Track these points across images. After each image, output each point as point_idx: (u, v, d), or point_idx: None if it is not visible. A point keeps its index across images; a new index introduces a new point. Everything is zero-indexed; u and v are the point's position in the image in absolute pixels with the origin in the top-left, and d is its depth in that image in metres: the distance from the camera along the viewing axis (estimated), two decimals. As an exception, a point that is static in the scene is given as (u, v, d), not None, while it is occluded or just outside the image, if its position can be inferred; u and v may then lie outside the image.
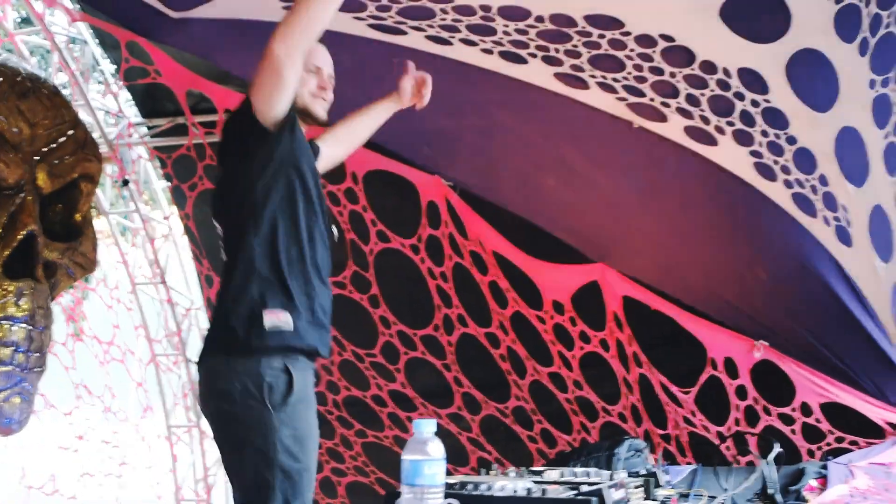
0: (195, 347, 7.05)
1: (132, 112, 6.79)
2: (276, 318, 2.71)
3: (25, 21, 8.12)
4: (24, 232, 4.00)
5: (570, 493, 2.65)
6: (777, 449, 3.76)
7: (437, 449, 2.26)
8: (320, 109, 3.03)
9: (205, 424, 5.16)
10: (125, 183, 6.89)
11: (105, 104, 6.68)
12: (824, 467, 4.00)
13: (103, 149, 6.13)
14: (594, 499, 2.57)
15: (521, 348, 5.47)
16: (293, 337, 2.72)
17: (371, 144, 5.17)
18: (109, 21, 5.23)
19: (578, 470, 3.05)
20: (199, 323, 7.30)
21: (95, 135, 5.89)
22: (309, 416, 2.76)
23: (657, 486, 3.22)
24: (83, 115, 5.83)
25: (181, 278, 7.29)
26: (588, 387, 5.38)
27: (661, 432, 5.26)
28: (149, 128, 6.62)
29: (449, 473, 6.04)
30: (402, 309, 5.71)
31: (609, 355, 5.21)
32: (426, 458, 2.26)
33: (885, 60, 3.48)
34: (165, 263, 7.29)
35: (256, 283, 2.74)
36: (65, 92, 6.14)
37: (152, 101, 6.50)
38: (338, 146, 3.42)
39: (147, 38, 5.01)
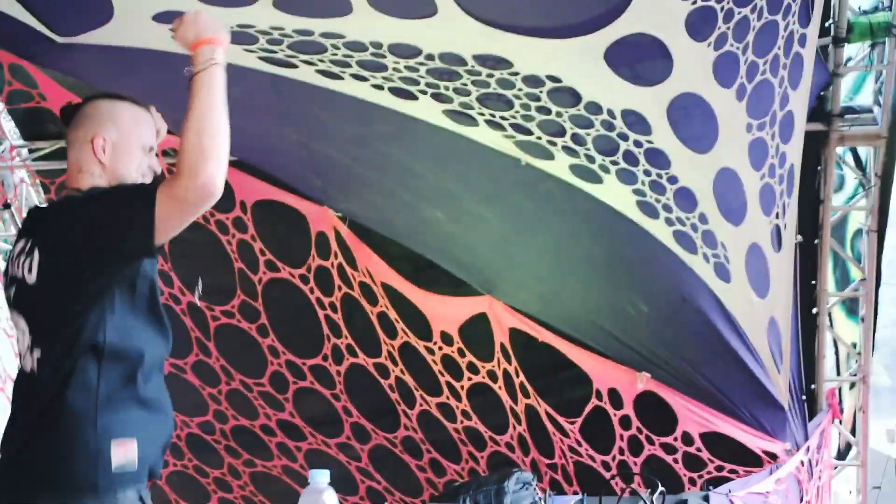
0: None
1: (14, 133, 6.63)
2: None
3: None
4: None
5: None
6: (660, 488, 3.83)
7: (331, 499, 2.26)
8: None
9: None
10: (6, 206, 6.72)
11: (-14, 126, 6.50)
12: (706, 498, 4.10)
13: (-17, 172, 5.98)
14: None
15: (409, 378, 5.48)
16: None
17: (261, 174, 5.19)
18: (-9, 44, 5.11)
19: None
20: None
21: (-25, 157, 5.74)
22: None
23: (543, 521, 3.27)
24: (-38, 138, 5.69)
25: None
26: (476, 417, 5.42)
27: (548, 461, 5.32)
28: (31, 150, 6.46)
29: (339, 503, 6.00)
30: (291, 338, 5.67)
31: (497, 386, 5.26)
32: (322, 509, 2.26)
33: (761, 106, 3.61)
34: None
35: None
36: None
37: (35, 123, 6.35)
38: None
39: (31, 62, 4.90)
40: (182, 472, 6.14)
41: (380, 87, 3.93)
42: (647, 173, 3.83)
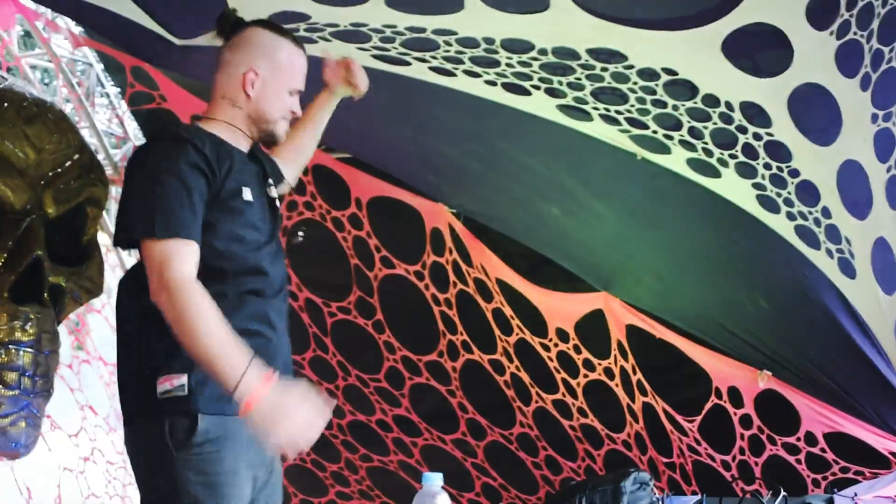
0: (200, 369, 7.03)
1: (137, 134, 6.81)
2: None
3: (28, 35, 8.13)
4: (31, 257, 4.02)
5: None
6: (782, 494, 3.73)
7: (445, 502, 2.25)
8: (282, 132, 2.83)
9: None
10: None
11: (110, 127, 6.70)
12: (829, 501, 3.98)
13: (108, 171, 6.15)
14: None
15: (525, 375, 5.46)
16: None
17: (376, 171, 5.22)
18: (114, 46, 5.25)
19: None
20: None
21: (100, 157, 5.91)
22: (223, 462, 2.46)
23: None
24: (87, 138, 5.85)
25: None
26: (592, 414, 5.37)
27: (666, 460, 5.25)
28: (154, 151, 6.62)
29: (454, 499, 6.04)
30: (407, 335, 5.70)
31: (613, 383, 5.20)
32: (436, 512, 2.25)
33: (887, 95, 3.48)
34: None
35: None
36: (68, 108, 6.19)
37: (156, 123, 6.50)
38: (288, 169, 3.15)
39: (151, 64, 5.02)
40: (300, 465, 6.24)
41: (493, 83, 3.92)
42: (767, 167, 3.73)
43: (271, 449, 2.32)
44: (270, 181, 2.82)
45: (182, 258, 2.39)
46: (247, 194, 2.61)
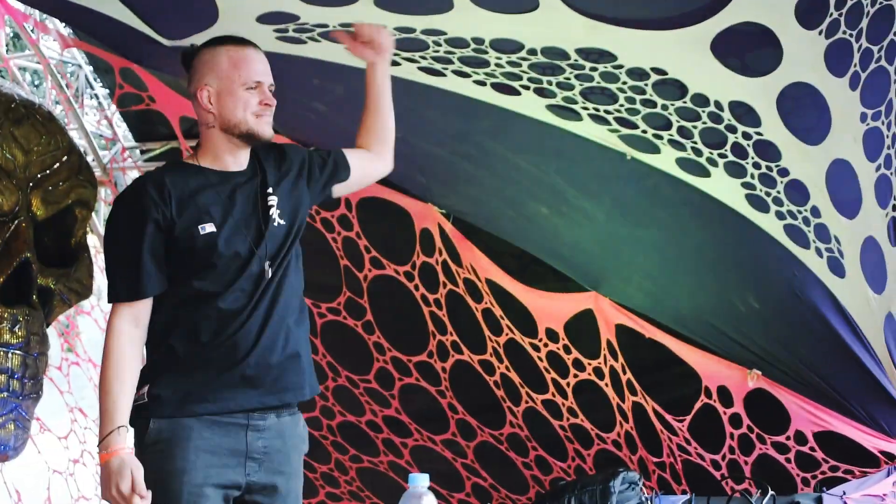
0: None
1: (126, 135, 6.80)
2: None
3: (17, 37, 8.09)
4: (19, 259, 4.01)
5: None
6: (770, 493, 3.74)
7: (431, 503, 2.25)
8: (266, 128, 2.93)
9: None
10: (120, 206, 6.88)
11: (99, 128, 6.68)
12: (818, 500, 3.99)
13: (97, 173, 6.13)
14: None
15: (515, 375, 5.45)
16: None
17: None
18: (103, 48, 5.23)
19: (571, 508, 3.04)
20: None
21: (89, 158, 5.89)
22: (172, 460, 2.73)
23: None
24: (76, 139, 5.83)
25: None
26: (582, 414, 5.37)
27: (656, 460, 5.25)
28: (142, 152, 6.62)
29: (444, 499, 6.04)
30: (397, 335, 5.70)
31: (603, 383, 5.20)
32: (422, 513, 2.25)
33: (876, 94, 3.49)
34: (160, 287, 7.27)
35: None
36: (57, 110, 6.17)
37: (145, 125, 6.50)
38: (374, 152, 3.37)
39: (140, 65, 5.00)
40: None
41: (482, 83, 3.92)
42: (756, 166, 3.74)
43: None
44: (269, 190, 2.93)
45: (119, 316, 2.79)
46: (204, 229, 2.79)
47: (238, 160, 2.92)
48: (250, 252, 2.84)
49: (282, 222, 2.92)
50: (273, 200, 2.92)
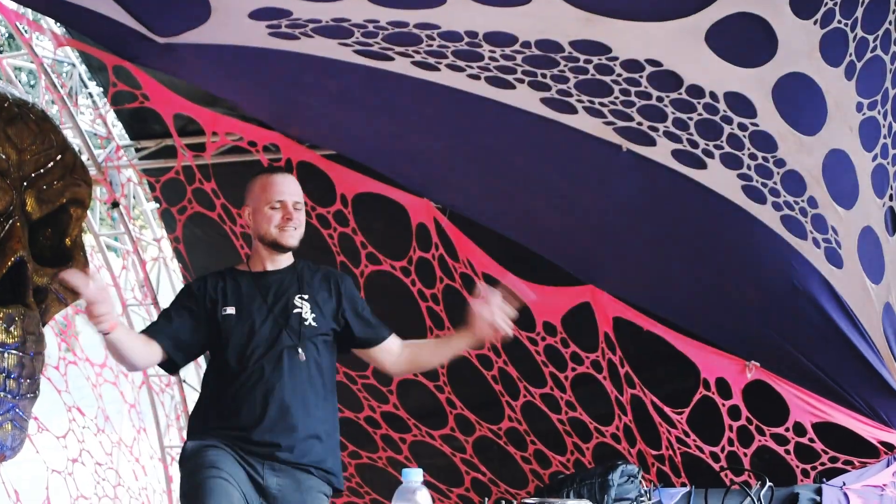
0: (188, 369, 7.01)
1: (121, 134, 6.78)
2: None
3: (12, 37, 8.07)
4: (13, 258, 3.98)
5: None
6: (768, 484, 3.73)
7: (424, 498, 2.24)
8: (289, 239, 3.43)
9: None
10: (115, 205, 6.88)
11: (94, 127, 6.66)
12: (818, 491, 3.98)
13: (92, 171, 6.11)
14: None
15: (513, 370, 5.45)
16: None
17: (360, 167, 5.21)
18: (96, 46, 5.22)
19: (570, 502, 3.03)
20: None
21: (84, 157, 5.87)
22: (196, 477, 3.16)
23: (649, 516, 3.20)
24: (71, 138, 5.81)
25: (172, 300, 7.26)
26: (581, 408, 5.36)
27: (655, 453, 5.24)
28: (137, 150, 6.60)
29: (443, 494, 6.02)
30: (394, 330, 5.64)
31: (601, 376, 5.19)
32: (415, 507, 2.24)
33: (872, 83, 3.47)
34: (157, 285, 7.26)
35: None
36: (52, 110, 6.16)
37: (140, 122, 6.48)
38: (397, 364, 3.66)
39: (134, 63, 4.99)
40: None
41: (476, 77, 3.90)
42: (752, 157, 3.73)
43: None
44: (304, 296, 3.42)
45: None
46: (227, 310, 3.37)
47: (275, 263, 3.47)
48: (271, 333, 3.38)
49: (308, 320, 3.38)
50: (297, 303, 3.39)
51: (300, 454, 3.28)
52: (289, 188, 3.47)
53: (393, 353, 3.58)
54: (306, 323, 3.36)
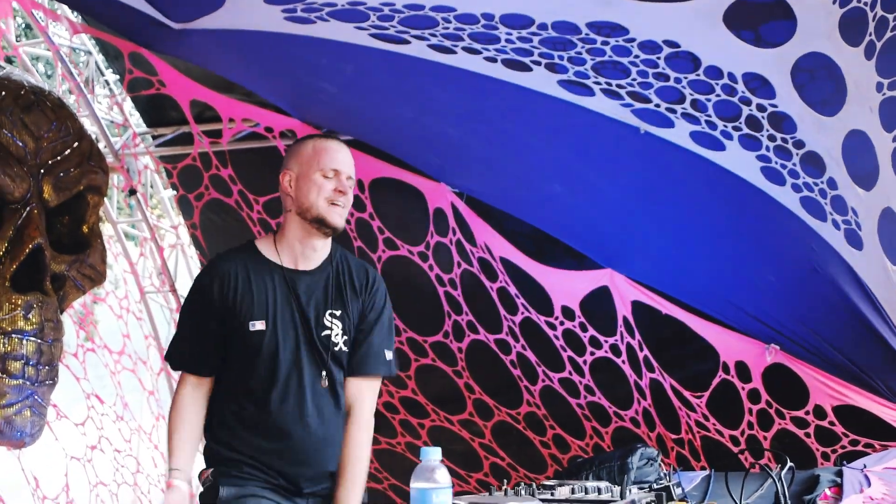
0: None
1: (138, 121, 6.78)
2: None
3: (29, 27, 8.08)
4: (31, 245, 3.97)
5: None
6: (789, 464, 3.71)
7: (443, 476, 2.23)
8: (337, 217, 3.00)
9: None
10: (132, 192, 6.89)
11: (110, 114, 6.67)
12: (839, 474, 3.96)
13: (109, 159, 6.12)
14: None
15: (531, 354, 5.44)
16: None
17: (377, 152, 5.20)
18: (112, 33, 5.22)
19: (590, 485, 3.02)
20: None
21: (101, 145, 5.88)
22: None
23: (670, 499, 3.18)
24: (88, 125, 5.82)
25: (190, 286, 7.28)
26: (600, 392, 5.35)
27: (675, 437, 5.23)
28: (153, 137, 6.60)
29: (462, 479, 6.01)
30: (412, 316, 5.68)
31: (620, 360, 5.18)
32: (434, 486, 2.25)
33: (892, 63, 3.42)
34: (175, 271, 7.28)
35: None
36: (69, 99, 6.16)
37: (157, 110, 6.48)
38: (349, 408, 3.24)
39: (150, 49, 4.99)
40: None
41: (493, 60, 3.88)
42: (771, 138, 3.70)
43: None
44: (335, 311, 3.05)
45: (183, 381, 3.09)
46: (256, 325, 3.00)
47: (308, 259, 3.05)
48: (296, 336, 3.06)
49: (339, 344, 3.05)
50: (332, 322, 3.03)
51: (320, 486, 3.11)
52: (346, 158, 3.07)
53: (357, 398, 3.17)
54: (336, 348, 3.02)
